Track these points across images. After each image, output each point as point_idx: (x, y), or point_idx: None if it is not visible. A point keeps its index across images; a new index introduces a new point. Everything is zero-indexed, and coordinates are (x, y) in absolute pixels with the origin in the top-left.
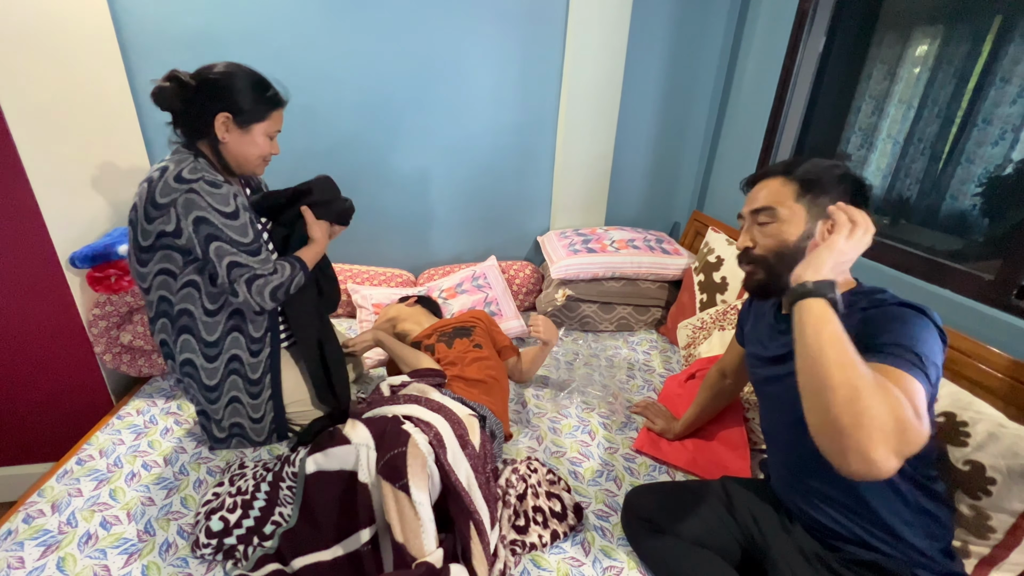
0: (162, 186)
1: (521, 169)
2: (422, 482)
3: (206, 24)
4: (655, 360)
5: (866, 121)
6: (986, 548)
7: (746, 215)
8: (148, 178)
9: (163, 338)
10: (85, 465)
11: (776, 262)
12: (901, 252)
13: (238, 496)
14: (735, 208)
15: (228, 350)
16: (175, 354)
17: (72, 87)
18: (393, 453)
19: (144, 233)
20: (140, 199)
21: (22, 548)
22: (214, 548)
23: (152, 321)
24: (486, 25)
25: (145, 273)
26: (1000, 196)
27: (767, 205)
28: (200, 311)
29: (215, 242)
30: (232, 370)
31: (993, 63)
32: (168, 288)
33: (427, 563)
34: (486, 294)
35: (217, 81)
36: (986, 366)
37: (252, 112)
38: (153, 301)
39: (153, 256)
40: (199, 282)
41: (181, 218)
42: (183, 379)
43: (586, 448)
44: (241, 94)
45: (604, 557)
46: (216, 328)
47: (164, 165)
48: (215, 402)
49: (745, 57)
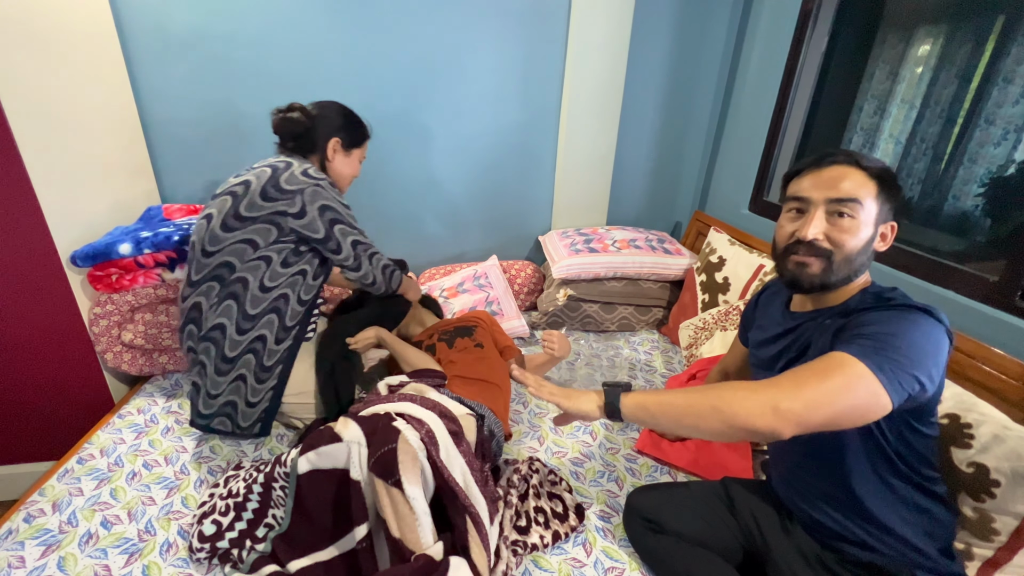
0: (288, 176)
1: (523, 168)
2: (415, 477)
3: (208, 23)
4: (657, 360)
5: (868, 121)
6: (990, 550)
7: (818, 201)
8: (272, 166)
9: (199, 301)
10: (86, 464)
11: (840, 261)
12: (904, 253)
13: (230, 499)
14: (737, 208)
15: (259, 328)
16: (205, 318)
17: (74, 86)
18: (384, 450)
19: (251, 206)
20: (259, 180)
21: (23, 547)
22: (208, 552)
23: (195, 284)
24: (488, 24)
25: (223, 237)
26: (1003, 196)
27: (855, 197)
28: (256, 284)
29: (339, 225)
30: (252, 349)
31: (996, 63)
32: (240, 256)
33: (426, 555)
34: (487, 294)
35: (334, 114)
36: (990, 368)
37: (354, 140)
38: (210, 264)
39: (246, 226)
40: (272, 259)
41: (307, 204)
42: (202, 343)
43: (588, 448)
44: (349, 126)
45: (606, 558)
46: (260, 304)
47: (286, 161)
48: (223, 374)
49: (748, 56)
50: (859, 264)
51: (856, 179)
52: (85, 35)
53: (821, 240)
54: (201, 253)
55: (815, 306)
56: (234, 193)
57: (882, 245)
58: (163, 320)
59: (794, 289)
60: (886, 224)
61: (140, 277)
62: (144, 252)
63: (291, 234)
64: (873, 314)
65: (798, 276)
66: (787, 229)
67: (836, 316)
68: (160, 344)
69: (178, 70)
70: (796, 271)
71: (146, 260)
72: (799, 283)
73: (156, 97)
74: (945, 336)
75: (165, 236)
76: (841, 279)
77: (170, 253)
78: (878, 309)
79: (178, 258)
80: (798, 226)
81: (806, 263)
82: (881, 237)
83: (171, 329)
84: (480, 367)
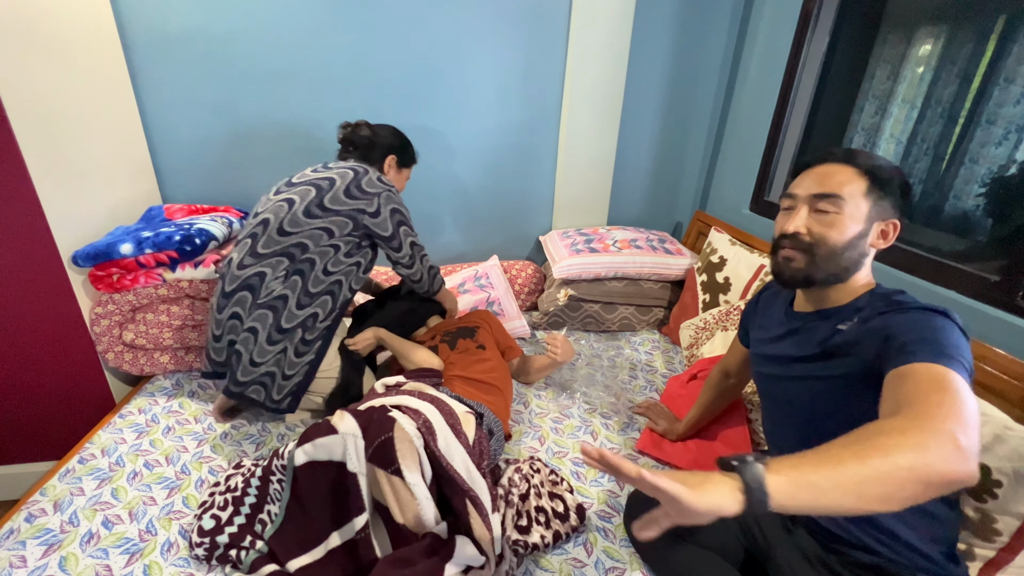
0: (368, 180)
1: (523, 168)
2: (413, 464)
3: (209, 25)
4: (657, 360)
5: (869, 121)
6: (991, 551)
7: (802, 197)
8: (352, 169)
9: (264, 271)
10: (87, 464)
11: (824, 256)
12: (905, 253)
13: (228, 494)
14: (738, 208)
15: (315, 307)
16: (266, 285)
17: (75, 87)
18: (381, 440)
19: (334, 200)
20: (343, 179)
21: (24, 547)
22: (207, 548)
23: (261, 256)
24: (488, 24)
25: (304, 222)
26: (1004, 196)
27: (836, 193)
28: (321, 267)
29: (403, 226)
30: (304, 324)
31: (997, 63)
32: (316, 240)
33: (432, 533)
34: (488, 294)
35: (392, 135)
36: (991, 368)
37: (406, 161)
38: (285, 242)
39: (328, 217)
40: (340, 248)
41: (382, 206)
42: (258, 310)
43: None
44: (404, 148)
45: (607, 558)
46: (320, 285)
47: (363, 167)
48: (273, 343)
49: (749, 56)
50: (849, 261)
51: (843, 175)
52: (87, 37)
53: (804, 234)
54: (277, 231)
55: (818, 306)
56: (318, 186)
57: (882, 243)
58: (164, 320)
59: (780, 283)
60: (885, 221)
61: (141, 277)
62: (145, 252)
63: (362, 229)
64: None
65: (783, 270)
66: (778, 225)
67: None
68: (161, 344)
69: (179, 71)
70: (782, 264)
71: (147, 260)
72: (783, 276)
73: (157, 98)
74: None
75: (166, 236)
76: (828, 275)
77: (171, 253)
78: (899, 313)
79: (179, 258)
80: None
81: (791, 257)
82: (881, 235)
83: (172, 329)
84: (480, 368)
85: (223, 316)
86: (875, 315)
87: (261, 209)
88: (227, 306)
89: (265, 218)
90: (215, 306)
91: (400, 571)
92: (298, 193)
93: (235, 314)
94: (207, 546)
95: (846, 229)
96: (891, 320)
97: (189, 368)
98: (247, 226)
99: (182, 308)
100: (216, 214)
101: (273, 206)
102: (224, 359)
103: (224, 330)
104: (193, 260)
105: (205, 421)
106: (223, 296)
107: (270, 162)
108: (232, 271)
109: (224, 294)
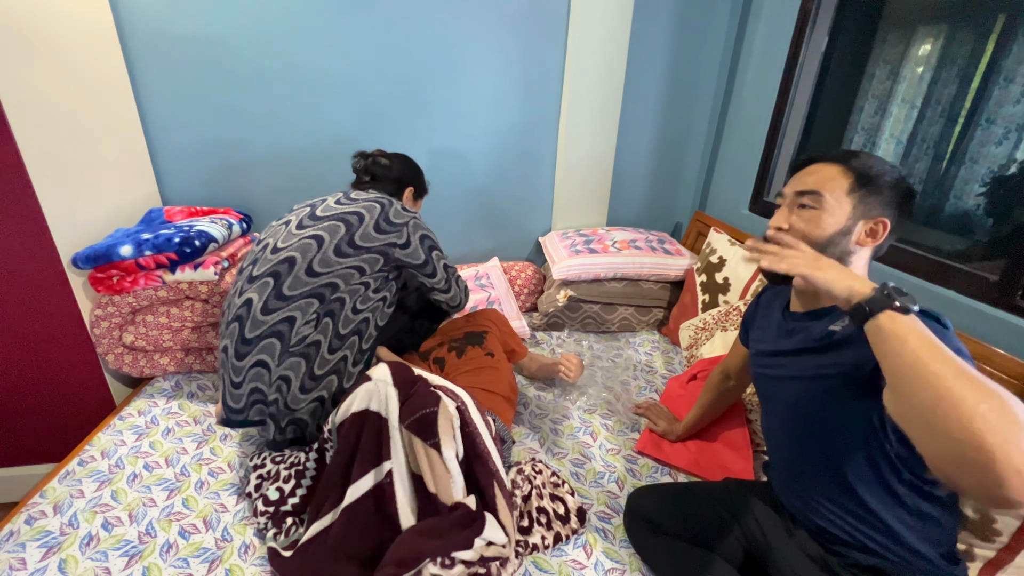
0: (395, 211)
1: (523, 170)
2: (451, 441)
3: (208, 27)
4: (657, 361)
5: (869, 121)
6: (991, 551)
7: (788, 195)
8: (379, 202)
9: (293, 315)
10: (87, 466)
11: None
12: (905, 252)
13: (292, 468)
14: (737, 208)
15: (344, 349)
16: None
17: (75, 89)
18: (425, 412)
19: (365, 237)
20: (371, 214)
21: (24, 549)
22: (270, 516)
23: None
24: (487, 26)
25: (335, 261)
26: (1004, 196)
27: (814, 189)
28: (350, 306)
29: (435, 251)
30: (337, 370)
31: (997, 62)
32: (347, 280)
33: (465, 505)
34: (488, 294)
35: (408, 166)
36: (992, 368)
37: (421, 193)
38: (315, 283)
39: (360, 255)
40: (370, 285)
41: (411, 234)
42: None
43: (588, 449)
44: (420, 179)
45: (606, 559)
46: (349, 325)
47: (387, 199)
48: (306, 392)
49: (747, 56)
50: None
51: (826, 173)
52: (86, 39)
53: (784, 232)
54: (306, 272)
55: (810, 306)
56: (348, 222)
57: (870, 241)
58: (164, 322)
59: (767, 279)
60: (873, 220)
61: (141, 279)
62: (145, 254)
63: (393, 263)
64: None
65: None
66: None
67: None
68: (161, 346)
69: (179, 74)
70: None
71: (147, 262)
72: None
73: (157, 100)
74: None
75: (166, 238)
76: None
77: (171, 255)
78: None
79: (179, 260)
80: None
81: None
82: (869, 233)
83: (172, 331)
84: (489, 378)
85: (244, 364)
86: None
87: (282, 245)
88: (250, 353)
89: (290, 256)
90: (232, 352)
91: (430, 540)
92: (326, 229)
93: (261, 362)
94: (271, 515)
95: (825, 225)
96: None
97: (189, 370)
98: (263, 260)
99: (182, 310)
100: (216, 216)
101: (299, 244)
102: (243, 405)
103: (246, 378)
104: (193, 262)
105: (204, 422)
106: (244, 343)
107: (270, 165)
108: (255, 315)
109: (245, 340)
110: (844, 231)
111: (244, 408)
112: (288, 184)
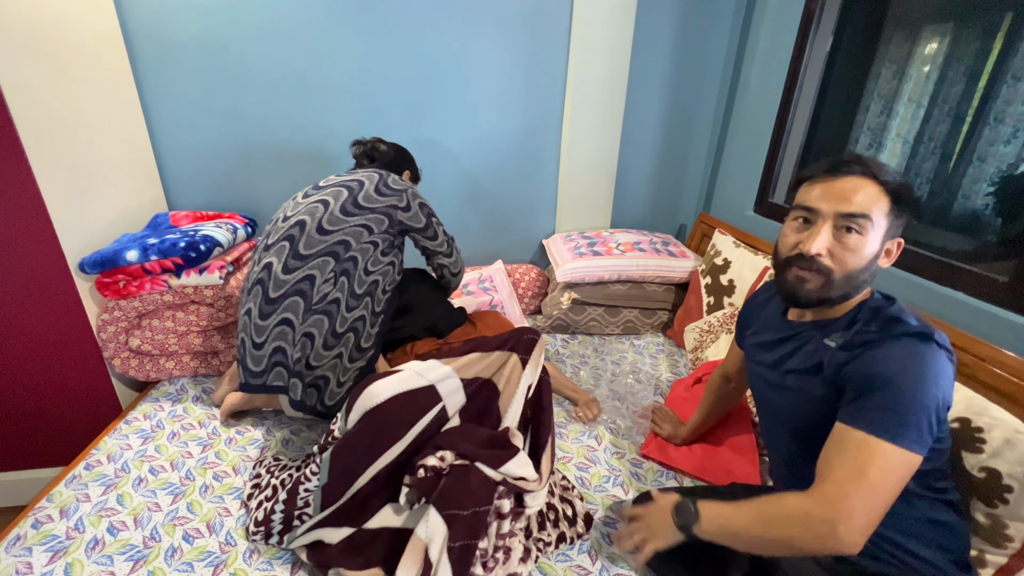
0: (392, 180)
1: (526, 172)
2: (532, 369)
3: (214, 32)
4: (662, 364)
5: (875, 120)
6: (1003, 557)
7: (827, 214)
8: (377, 172)
9: (312, 274)
10: (93, 470)
11: (840, 280)
12: (912, 254)
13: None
14: (742, 210)
15: (361, 309)
16: (317, 289)
17: (81, 95)
18: (530, 336)
19: (367, 198)
20: (371, 181)
21: (30, 553)
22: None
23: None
24: (490, 28)
25: (342, 219)
26: (1013, 195)
27: (866, 213)
28: (362, 266)
29: (434, 217)
30: (354, 328)
31: (1004, 60)
32: (357, 237)
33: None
34: (492, 297)
35: (403, 153)
36: (1001, 370)
37: (416, 179)
38: (327, 240)
39: (364, 214)
40: (378, 244)
41: (411, 200)
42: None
43: (592, 453)
44: (415, 165)
45: (611, 564)
46: (363, 285)
47: (384, 171)
48: (329, 348)
49: (751, 57)
50: (860, 281)
51: (870, 193)
52: (92, 45)
53: (824, 256)
54: (317, 230)
55: (808, 318)
56: (349, 187)
57: (886, 261)
58: (170, 326)
59: (790, 303)
60: (893, 240)
61: (147, 283)
62: (151, 259)
63: (396, 225)
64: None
65: (796, 291)
66: (791, 239)
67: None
68: (167, 350)
69: (185, 79)
70: (795, 285)
71: (153, 267)
72: (796, 298)
73: (163, 105)
74: (949, 362)
75: (172, 243)
76: (839, 296)
77: (176, 259)
78: (879, 345)
79: (184, 264)
80: (803, 237)
81: (805, 278)
82: (886, 253)
83: (177, 335)
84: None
85: (269, 323)
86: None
87: (291, 213)
88: (275, 312)
89: (301, 220)
90: (256, 313)
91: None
92: (330, 194)
93: (286, 320)
94: (263, 533)
95: (866, 252)
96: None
97: (194, 374)
98: (275, 232)
99: (187, 314)
100: (221, 220)
101: (306, 208)
102: (264, 367)
103: (269, 337)
104: (198, 266)
105: (210, 426)
106: (268, 303)
107: (275, 169)
108: (277, 276)
109: (269, 300)
110: (877, 255)
111: (264, 371)
112: (293, 188)
